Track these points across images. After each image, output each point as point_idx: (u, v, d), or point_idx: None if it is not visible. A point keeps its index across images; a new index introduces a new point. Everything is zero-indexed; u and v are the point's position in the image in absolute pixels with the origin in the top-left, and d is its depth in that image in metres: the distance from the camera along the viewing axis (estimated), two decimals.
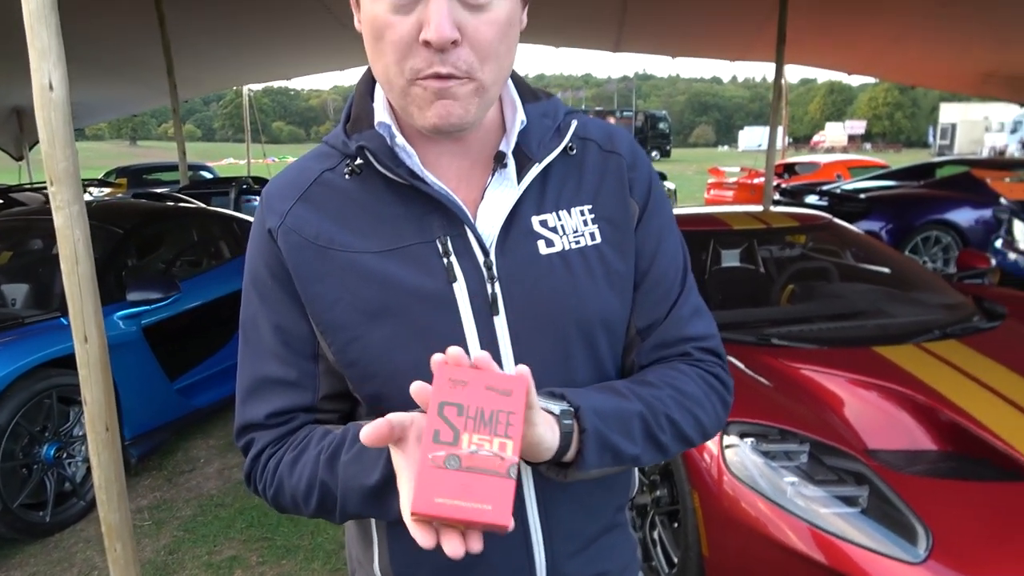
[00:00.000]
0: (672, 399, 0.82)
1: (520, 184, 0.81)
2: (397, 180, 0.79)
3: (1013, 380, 2.46)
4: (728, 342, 2.79)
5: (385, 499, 0.73)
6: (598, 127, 0.89)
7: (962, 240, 7.11)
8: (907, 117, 70.41)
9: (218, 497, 3.35)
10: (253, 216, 0.91)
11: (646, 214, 0.87)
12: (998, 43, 8.39)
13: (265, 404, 0.83)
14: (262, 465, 0.83)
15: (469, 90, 0.73)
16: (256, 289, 0.83)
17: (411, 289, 0.78)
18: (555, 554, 0.85)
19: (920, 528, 1.86)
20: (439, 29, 0.68)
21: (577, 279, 0.81)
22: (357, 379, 0.81)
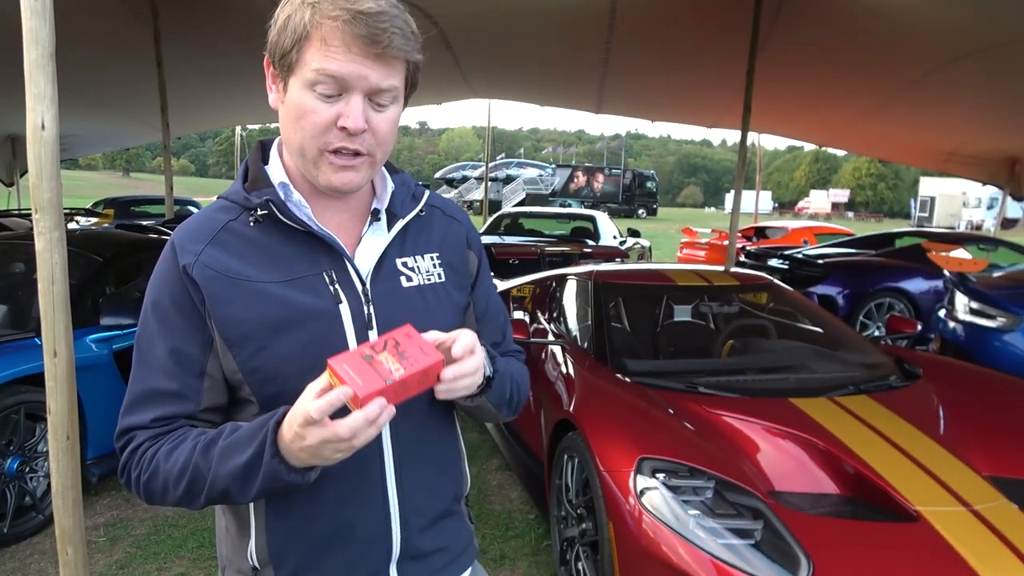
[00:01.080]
0: (518, 373, 1.21)
1: (390, 232, 1.09)
2: (293, 227, 1.02)
3: (911, 433, 2.69)
4: (660, 388, 3.02)
5: (250, 475, 0.91)
6: (441, 200, 1.22)
7: (914, 307, 7.42)
8: (889, 188, 72.14)
9: (173, 518, 3.48)
10: None
11: (482, 270, 1.22)
12: (958, 125, 8.86)
13: (151, 411, 0.99)
14: (139, 455, 0.98)
15: (366, 163, 1.00)
16: (156, 315, 1.00)
17: (306, 308, 1.00)
18: (408, 529, 1.09)
19: (804, 559, 2.05)
20: (356, 121, 0.94)
21: (429, 307, 1.09)
22: (258, 383, 1.00)
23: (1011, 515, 2.27)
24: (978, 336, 5.05)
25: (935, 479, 2.42)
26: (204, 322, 0.99)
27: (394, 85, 0.97)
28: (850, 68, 7.21)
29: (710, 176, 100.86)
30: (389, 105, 0.99)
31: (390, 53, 0.94)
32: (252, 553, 1.05)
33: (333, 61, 0.92)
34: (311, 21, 0.93)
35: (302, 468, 0.91)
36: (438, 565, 1.15)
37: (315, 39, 0.93)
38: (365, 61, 0.93)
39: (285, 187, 1.03)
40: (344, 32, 0.92)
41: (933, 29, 5.95)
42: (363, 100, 0.95)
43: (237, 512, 1.07)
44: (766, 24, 6.15)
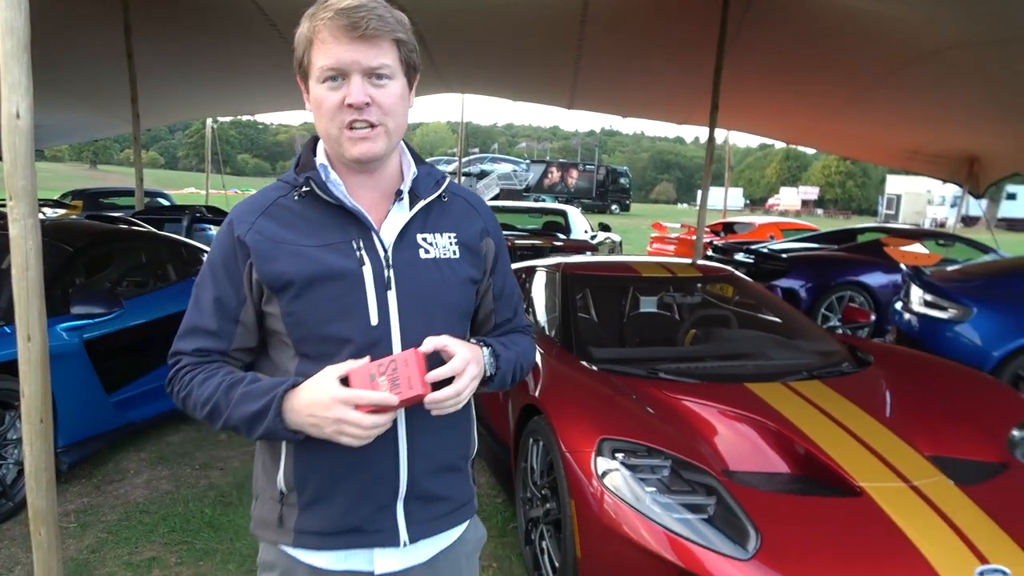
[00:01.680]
0: (524, 353, 1.41)
1: (411, 211, 1.28)
2: (329, 201, 1.24)
3: (859, 416, 2.83)
4: (623, 375, 3.13)
5: (255, 423, 1.16)
6: (468, 193, 1.44)
7: (873, 300, 7.65)
8: (858, 186, 73.20)
9: (144, 504, 3.52)
10: (212, 236, 1.31)
11: (500, 255, 1.41)
12: (919, 124, 9.10)
13: (194, 341, 1.25)
14: (181, 375, 1.25)
15: (381, 134, 1.20)
16: (210, 270, 1.26)
17: (336, 268, 1.21)
18: (415, 469, 1.27)
19: (752, 532, 2.17)
20: (357, 96, 1.16)
21: (443, 277, 1.28)
22: (293, 324, 1.22)
23: (947, 490, 2.41)
24: (931, 327, 5.24)
25: (879, 457, 2.56)
26: (242, 282, 1.24)
27: (384, 63, 1.17)
28: (816, 67, 7.39)
29: (683, 173, 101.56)
30: (388, 81, 1.18)
31: (370, 34, 1.14)
32: (280, 480, 1.26)
33: (329, 53, 1.15)
34: (310, 29, 1.17)
35: (294, 430, 1.16)
36: (440, 511, 1.33)
37: (315, 42, 1.16)
38: (352, 45, 1.15)
39: (324, 168, 1.25)
40: (331, 27, 1.14)
41: (896, 31, 6.13)
42: (362, 79, 1.16)
43: (272, 448, 1.29)
44: (734, 23, 6.29)
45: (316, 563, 1.27)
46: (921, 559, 2.10)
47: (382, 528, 1.27)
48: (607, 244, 10.38)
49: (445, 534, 1.35)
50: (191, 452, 4.18)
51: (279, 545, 1.29)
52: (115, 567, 2.97)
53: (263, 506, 1.31)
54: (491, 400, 3.84)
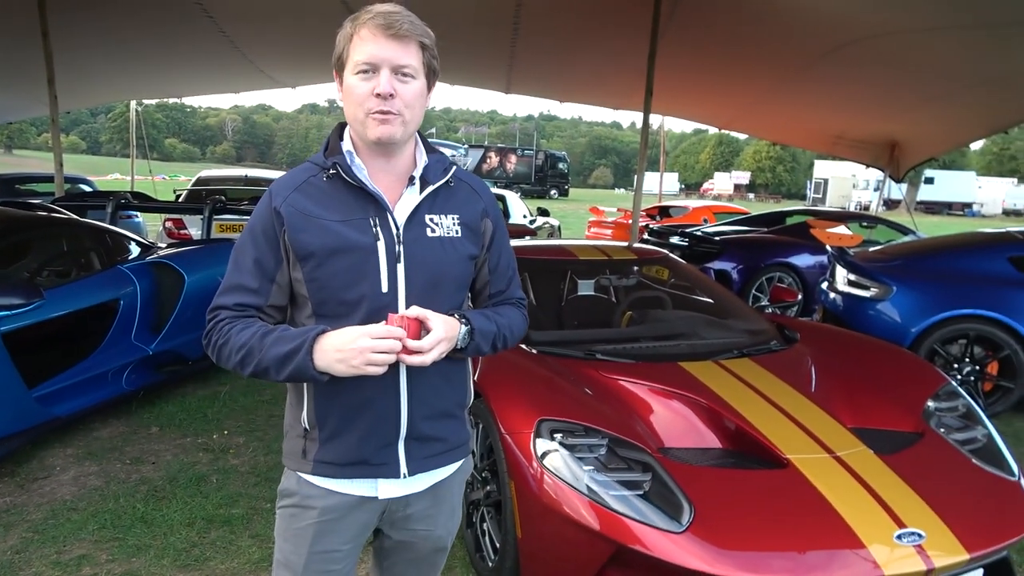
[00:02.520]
0: (508, 325, 1.59)
1: (421, 195, 1.47)
2: (352, 183, 1.43)
3: (786, 391, 2.94)
4: (561, 357, 3.17)
5: (286, 362, 1.35)
6: (472, 178, 1.61)
7: (801, 280, 7.94)
8: (787, 171, 75.50)
9: (72, 502, 3.39)
10: (139, 224, 1.31)
11: (497, 233, 1.60)
12: (843, 109, 9.43)
13: (235, 297, 1.44)
14: (220, 327, 1.42)
15: (399, 121, 1.39)
16: (251, 236, 1.45)
17: (354, 241, 1.40)
18: (413, 415, 1.48)
19: (687, 505, 2.24)
20: (384, 87, 1.35)
21: (446, 253, 1.47)
22: (315, 289, 1.41)
23: (868, 460, 2.54)
24: (855, 305, 5.47)
25: (804, 430, 2.67)
26: (279, 246, 1.42)
27: (410, 63, 1.37)
28: (745, 53, 7.58)
29: (620, 158, 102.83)
30: (411, 79, 1.38)
31: (402, 33, 1.35)
32: (305, 418, 1.49)
33: (364, 48, 1.36)
34: (352, 28, 1.38)
35: (321, 370, 1.33)
36: (436, 450, 1.53)
37: (356, 40, 1.37)
38: (386, 43, 1.35)
39: (350, 154, 1.44)
40: (371, 27, 1.35)
41: (821, 19, 6.33)
42: (390, 73, 1.35)
43: (298, 392, 1.50)
44: (667, 8, 6.39)
45: (330, 487, 1.49)
46: (844, 525, 2.21)
47: (386, 462, 1.48)
48: (546, 229, 10.46)
49: (440, 470, 1.56)
50: (121, 447, 4.05)
51: (299, 473, 1.50)
52: (42, 567, 2.87)
53: (290, 441, 1.53)
54: None
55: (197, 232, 8.35)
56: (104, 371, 4.22)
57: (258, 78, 10.59)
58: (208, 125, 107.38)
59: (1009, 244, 5.38)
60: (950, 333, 5.05)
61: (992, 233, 5.91)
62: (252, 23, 7.83)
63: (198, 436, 4.21)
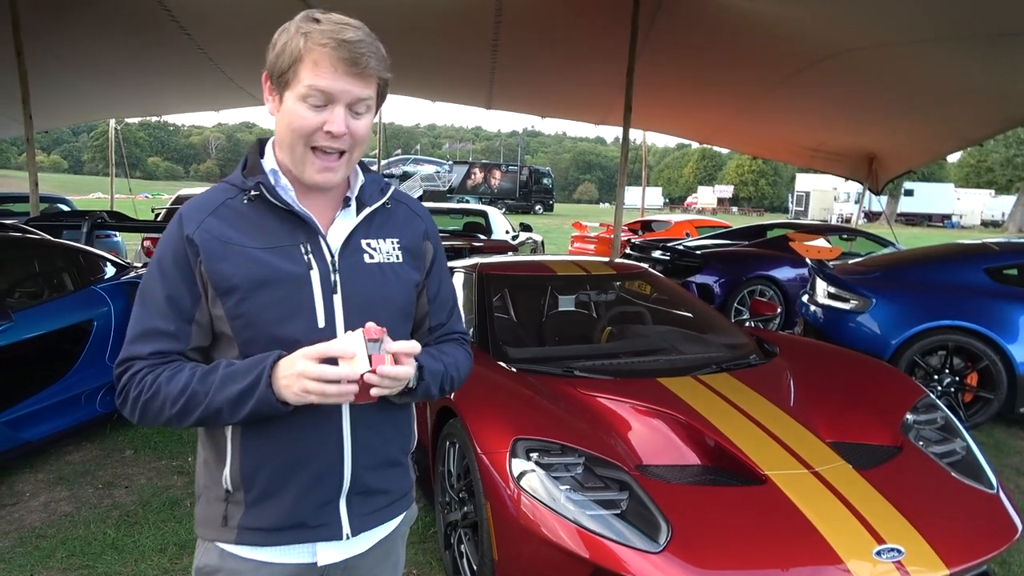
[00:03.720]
0: (455, 364, 1.41)
1: (358, 217, 1.33)
2: (279, 206, 1.26)
3: (764, 406, 2.92)
4: (539, 374, 3.14)
5: (243, 399, 1.16)
6: (409, 199, 1.47)
7: (782, 293, 7.97)
8: (769, 184, 76.21)
9: (40, 529, 3.31)
10: (117, 244, 1.18)
11: (437, 258, 1.45)
12: (820, 123, 9.54)
13: (150, 345, 1.23)
14: (139, 379, 1.21)
15: (343, 162, 1.25)
16: (160, 268, 1.24)
17: (283, 271, 1.24)
18: (358, 466, 1.31)
19: (664, 524, 2.21)
20: (339, 126, 1.20)
21: (386, 280, 1.33)
22: (240, 327, 1.23)
23: (846, 474, 2.52)
24: (835, 318, 5.48)
25: (783, 446, 2.65)
26: (195, 279, 1.23)
27: (370, 96, 1.22)
28: (723, 68, 7.64)
29: (604, 173, 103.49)
30: (364, 114, 1.23)
31: (367, 73, 1.20)
32: (227, 478, 1.27)
33: (322, 79, 1.17)
34: (305, 47, 1.17)
35: (283, 401, 1.16)
36: (380, 504, 1.38)
37: (308, 61, 1.17)
38: (347, 79, 1.18)
39: (275, 173, 1.28)
40: (331, 56, 1.17)
41: (797, 34, 6.40)
42: (344, 109, 1.20)
43: (216, 444, 1.30)
44: (644, 23, 6.43)
45: (259, 558, 1.30)
46: (823, 542, 2.18)
47: (326, 522, 1.31)
48: (528, 244, 10.45)
49: (384, 525, 1.41)
50: (93, 471, 3.96)
51: (220, 544, 1.30)
52: None
53: (207, 505, 1.32)
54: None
55: None
56: (77, 393, 4.14)
57: (238, 95, 10.55)
58: (192, 143, 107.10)
59: (985, 256, 5.42)
60: (929, 344, 5.07)
61: (968, 244, 5.96)
62: (228, 40, 7.81)
63: (173, 459, 4.13)
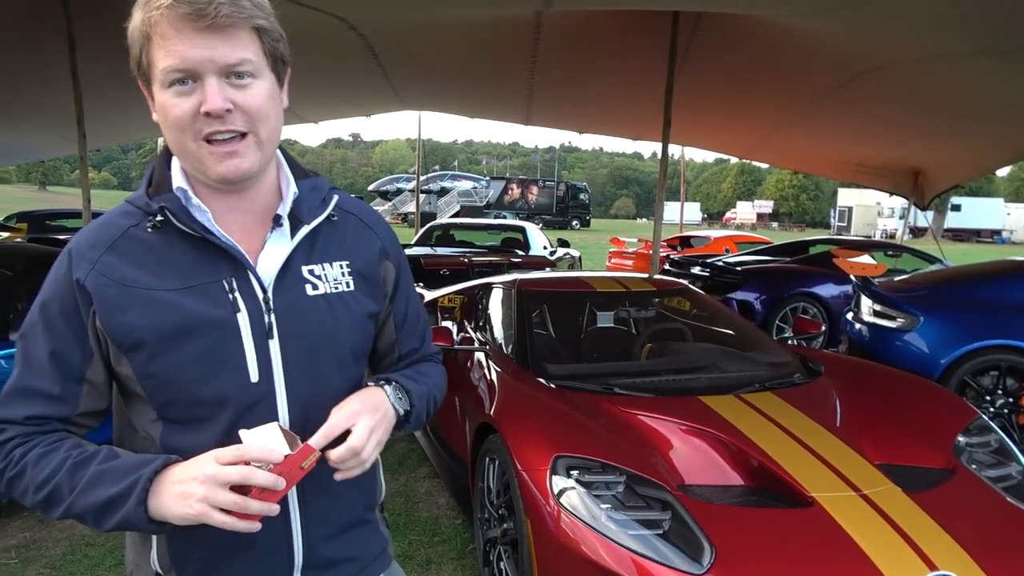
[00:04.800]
0: (436, 384, 1.27)
1: (293, 240, 1.07)
2: (191, 233, 1.01)
3: (809, 426, 2.86)
4: (579, 391, 3.13)
5: (109, 511, 0.94)
6: (358, 206, 1.20)
7: (825, 311, 7.82)
8: (811, 199, 75.06)
9: (89, 537, 3.39)
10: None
11: (401, 278, 1.22)
12: (863, 137, 9.37)
13: (26, 408, 0.99)
14: (8, 450, 0.99)
15: (250, 146, 0.99)
16: (42, 317, 1.01)
17: (203, 317, 1.00)
18: (311, 537, 1.09)
19: (707, 545, 2.17)
20: (214, 102, 0.94)
21: (335, 315, 1.09)
22: (153, 389, 1.00)
23: (896, 498, 2.45)
24: (881, 336, 5.36)
25: (829, 467, 2.59)
26: (87, 333, 1.00)
27: (244, 58, 0.96)
28: (762, 84, 7.57)
29: (641, 188, 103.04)
30: (251, 80, 0.98)
31: (221, 23, 0.93)
32: (154, 560, 1.07)
33: (172, 50, 0.93)
34: (145, 22, 0.94)
35: (158, 520, 0.93)
36: (347, 574, 1.16)
37: (153, 37, 0.94)
38: (200, 39, 0.93)
39: (184, 192, 1.02)
40: (171, 18, 0.92)
41: (838, 48, 6.31)
42: (218, 80, 0.95)
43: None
44: (683, 41, 6.41)
45: None
46: (872, 567, 2.12)
47: None
48: (566, 260, 10.45)
49: None
50: None
51: None
52: None
53: None
54: (449, 420, 3.81)
55: None
56: None
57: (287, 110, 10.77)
58: None
59: None
60: (981, 364, 4.92)
61: (1021, 261, 5.79)
62: None
63: None
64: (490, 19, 6.32)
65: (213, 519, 0.90)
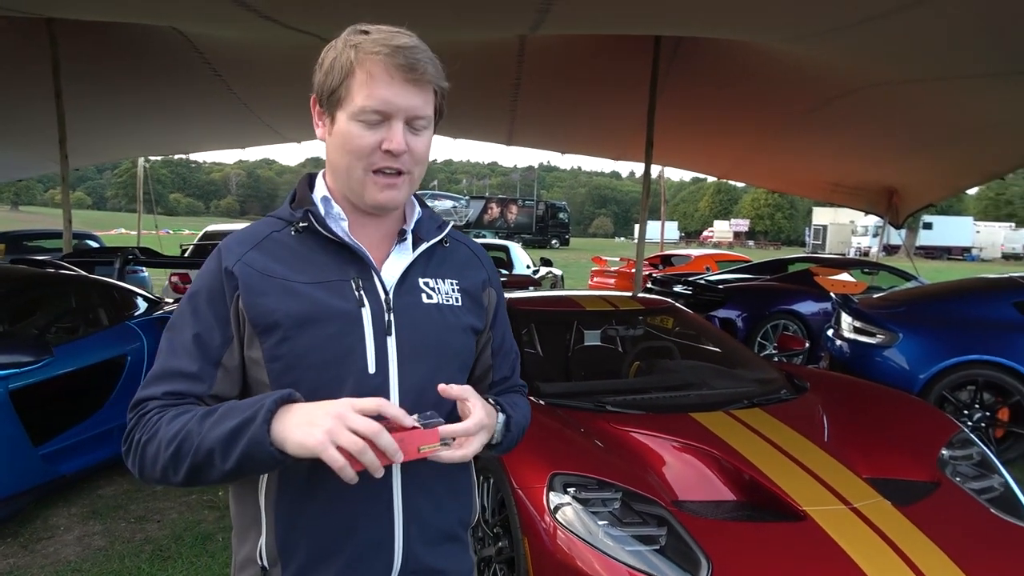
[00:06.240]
0: (524, 415, 1.30)
1: (414, 253, 1.21)
2: (328, 237, 1.15)
3: (799, 442, 2.92)
4: (571, 408, 3.15)
5: (236, 438, 0.98)
6: (467, 239, 1.35)
7: (805, 328, 7.94)
8: (786, 218, 76.10)
9: (76, 563, 3.34)
10: (145, 279, 1.14)
11: (499, 307, 1.34)
12: (839, 158, 9.57)
13: (166, 385, 1.09)
14: (145, 420, 1.06)
15: (406, 182, 1.14)
16: (191, 305, 1.13)
17: (331, 308, 1.11)
18: (410, 538, 1.15)
19: (704, 560, 2.20)
20: (398, 143, 1.08)
21: (446, 323, 1.20)
22: (280, 370, 1.09)
23: (885, 511, 2.50)
24: (861, 352, 5.45)
25: (820, 482, 2.64)
26: (228, 318, 1.11)
27: (427, 114, 1.12)
28: (742, 106, 7.72)
29: (619, 207, 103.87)
30: (423, 130, 1.12)
31: (425, 79, 1.09)
32: (262, 550, 1.13)
33: (376, 91, 1.07)
34: (356, 59, 1.07)
35: (280, 448, 0.96)
36: None
37: (360, 74, 1.07)
38: (403, 89, 1.08)
39: (327, 201, 1.17)
40: (386, 64, 1.06)
41: (815, 71, 6.46)
42: (403, 125, 1.09)
43: (247, 512, 1.16)
44: (664, 64, 6.53)
45: None
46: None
47: None
48: (549, 278, 10.50)
49: None
50: (125, 505, 4.00)
51: None
52: None
53: None
54: None
55: None
56: (109, 428, 4.20)
57: (265, 134, 10.78)
58: (212, 180, 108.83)
59: (1014, 289, 5.39)
60: (959, 379, 5.02)
61: (997, 278, 5.94)
62: (257, 81, 8.01)
63: (203, 493, 4.15)
64: (476, 43, 6.40)
65: (328, 452, 0.94)
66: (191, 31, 6.49)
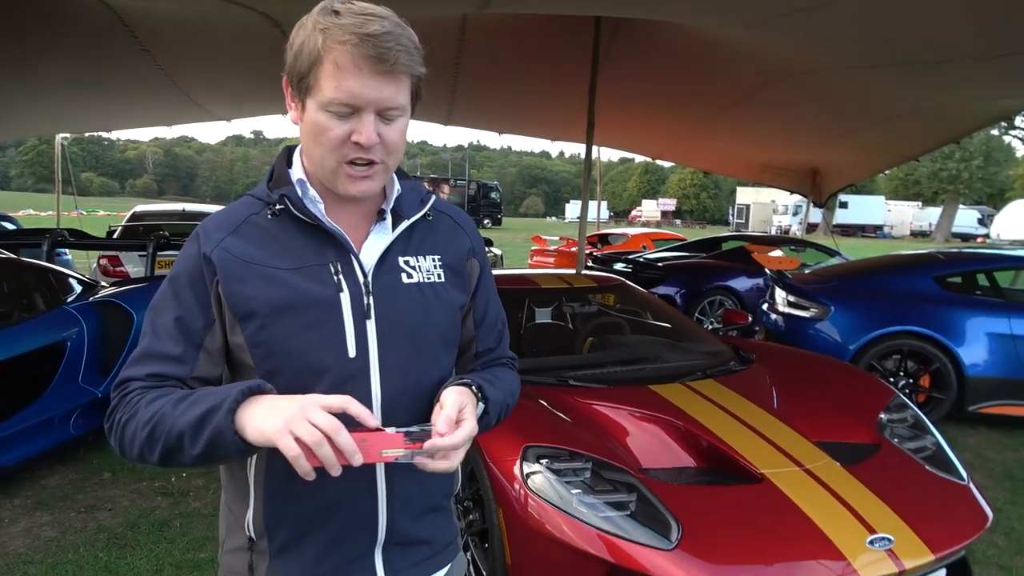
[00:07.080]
0: (510, 391, 1.32)
1: (394, 232, 1.19)
2: (305, 220, 1.13)
3: (751, 409, 3.08)
4: (535, 384, 3.23)
5: (202, 425, 0.99)
6: (451, 209, 1.32)
7: (740, 303, 8.27)
8: (711, 197, 78.16)
9: (27, 555, 3.23)
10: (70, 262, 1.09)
11: (483, 277, 1.31)
12: (770, 140, 9.92)
13: (149, 367, 1.10)
14: (128, 400, 1.08)
15: (380, 171, 1.11)
16: (172, 288, 1.13)
17: (310, 294, 1.11)
18: (394, 514, 1.18)
19: (673, 523, 2.32)
20: (368, 137, 1.05)
21: (427, 303, 1.19)
22: (260, 357, 1.11)
23: (835, 471, 2.68)
24: (795, 325, 5.73)
25: (774, 446, 2.80)
26: (210, 302, 1.11)
27: (401, 103, 1.07)
28: (679, 89, 7.90)
29: (550, 187, 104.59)
30: (397, 118, 1.08)
31: (397, 70, 1.03)
32: (249, 523, 1.16)
33: (344, 84, 1.02)
34: (323, 46, 1.02)
35: (242, 437, 0.98)
36: (421, 556, 1.23)
37: (328, 62, 1.03)
38: (372, 81, 1.03)
39: (302, 183, 1.14)
40: (354, 55, 1.01)
41: (751, 56, 6.68)
42: (374, 116, 1.05)
43: (238, 486, 1.18)
44: (604, 45, 6.63)
45: None
46: (821, 534, 2.33)
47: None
48: (490, 258, 10.54)
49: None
50: (72, 495, 3.87)
51: None
52: None
53: (231, 555, 1.21)
54: None
55: (134, 269, 8.11)
56: (50, 416, 4.05)
57: (193, 111, 10.38)
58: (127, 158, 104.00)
59: (933, 265, 5.76)
60: (885, 349, 5.35)
61: (918, 254, 6.32)
62: (190, 58, 7.72)
63: (155, 480, 4.06)
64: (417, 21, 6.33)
65: (284, 440, 0.94)
66: (116, 2, 6.20)
